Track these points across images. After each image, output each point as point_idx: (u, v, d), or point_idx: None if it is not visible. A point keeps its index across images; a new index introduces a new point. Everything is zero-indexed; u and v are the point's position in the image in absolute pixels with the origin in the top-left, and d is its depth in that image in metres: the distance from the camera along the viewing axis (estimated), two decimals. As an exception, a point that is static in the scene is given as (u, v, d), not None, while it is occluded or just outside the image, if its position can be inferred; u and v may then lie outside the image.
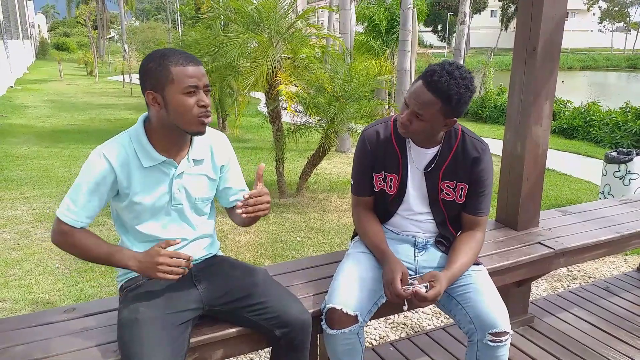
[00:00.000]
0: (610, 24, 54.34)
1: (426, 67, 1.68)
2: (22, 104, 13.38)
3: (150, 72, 1.50)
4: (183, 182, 1.62)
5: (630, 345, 2.52)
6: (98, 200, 1.55)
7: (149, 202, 1.58)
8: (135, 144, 1.56)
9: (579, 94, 16.79)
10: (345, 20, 8.09)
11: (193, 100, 1.51)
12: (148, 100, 1.52)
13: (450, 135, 1.82)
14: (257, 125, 9.95)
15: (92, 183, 1.52)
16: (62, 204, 1.55)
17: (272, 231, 4.68)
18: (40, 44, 38.94)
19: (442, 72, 1.61)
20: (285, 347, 1.65)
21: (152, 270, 1.49)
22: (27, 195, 5.64)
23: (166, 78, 1.48)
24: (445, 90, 1.60)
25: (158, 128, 1.56)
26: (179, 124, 1.52)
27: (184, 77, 1.49)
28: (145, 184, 1.57)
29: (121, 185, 1.55)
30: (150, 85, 1.51)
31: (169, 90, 1.49)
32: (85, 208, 1.54)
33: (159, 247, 1.50)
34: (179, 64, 1.49)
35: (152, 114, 1.56)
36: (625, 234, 2.54)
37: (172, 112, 1.51)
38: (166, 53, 1.51)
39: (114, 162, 1.52)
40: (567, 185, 6.46)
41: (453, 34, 34.97)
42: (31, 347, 1.56)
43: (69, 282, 3.59)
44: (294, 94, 5.17)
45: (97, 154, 1.53)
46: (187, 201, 1.65)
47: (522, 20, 2.38)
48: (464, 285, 1.76)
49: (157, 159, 1.56)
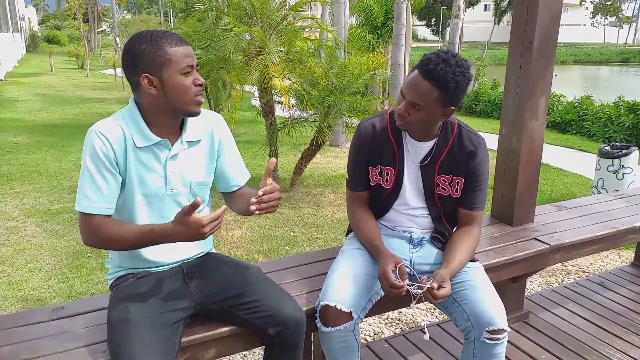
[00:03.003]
0: (603, 19, 54.54)
1: (421, 57, 1.65)
2: (12, 98, 13.23)
3: (144, 55, 1.44)
4: (177, 165, 1.57)
5: (624, 341, 2.52)
6: (112, 177, 1.47)
7: (143, 185, 1.52)
8: (129, 123, 1.51)
9: (572, 88, 16.83)
10: (338, 13, 8.04)
11: (190, 80, 1.48)
12: (143, 85, 1.46)
13: (446, 129, 1.79)
14: (250, 119, 9.88)
15: (97, 161, 1.45)
16: (77, 197, 1.47)
17: (265, 226, 4.65)
18: (31, 37, 38.50)
19: (438, 61, 1.58)
20: (279, 345, 1.62)
21: (202, 237, 1.42)
22: (17, 190, 5.57)
23: (163, 59, 1.44)
24: (442, 78, 1.57)
25: (150, 112, 1.51)
26: (177, 105, 1.49)
27: (181, 57, 1.45)
28: (138, 165, 1.51)
29: (119, 164, 1.49)
30: (144, 68, 1.45)
31: (167, 72, 1.45)
32: (100, 190, 1.46)
33: (192, 217, 1.38)
34: (174, 44, 1.45)
35: (144, 98, 1.49)
36: (621, 229, 2.54)
37: (171, 94, 1.47)
38: (157, 35, 1.45)
39: (111, 138, 1.46)
40: (561, 180, 6.47)
41: (447, 28, 34.96)
42: (18, 347, 1.52)
43: (60, 278, 3.54)
44: (288, 87, 5.12)
45: (94, 133, 1.46)
46: (183, 186, 1.59)
47: (518, 14, 2.35)
48: (461, 283, 1.74)
49: (151, 139, 1.51)
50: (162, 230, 1.44)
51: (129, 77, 1.49)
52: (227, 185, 1.74)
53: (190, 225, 1.39)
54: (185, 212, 1.39)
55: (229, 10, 5.38)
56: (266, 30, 5.21)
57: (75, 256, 3.87)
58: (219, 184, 1.76)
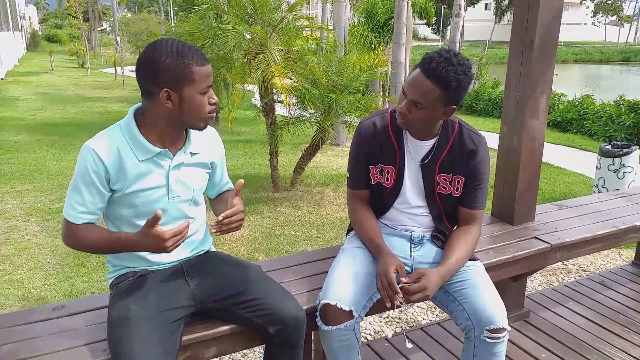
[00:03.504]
0: (604, 18, 54.46)
1: (423, 56, 1.65)
2: (13, 97, 13.23)
3: (168, 69, 1.42)
4: (180, 174, 1.59)
5: (625, 339, 2.51)
6: (97, 194, 1.51)
7: (144, 195, 1.54)
8: (127, 137, 1.51)
9: (573, 87, 16.81)
10: (339, 12, 8.02)
11: (206, 98, 1.50)
12: (162, 98, 1.45)
13: (447, 127, 1.79)
14: (250, 118, 9.89)
15: (86, 178, 1.48)
16: (65, 203, 1.53)
17: (266, 225, 4.65)
18: (31, 36, 38.52)
19: (440, 59, 1.58)
20: (279, 344, 1.62)
21: (163, 252, 1.46)
22: (17, 189, 5.57)
23: (187, 78, 1.44)
24: (444, 77, 1.57)
25: (158, 122, 1.52)
26: (189, 121, 1.51)
27: (204, 78, 1.47)
28: (139, 176, 1.52)
29: (112, 180, 1.50)
30: (165, 82, 1.44)
31: (189, 90, 1.46)
32: (85, 204, 1.50)
33: (154, 230, 1.41)
34: (199, 63, 1.45)
35: (157, 109, 1.49)
36: (621, 228, 2.53)
37: (187, 111, 1.48)
38: (182, 49, 1.44)
39: (104, 157, 1.47)
40: (562, 179, 6.47)
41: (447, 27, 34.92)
42: (18, 346, 1.52)
43: (61, 277, 3.54)
44: (288, 86, 5.12)
45: (87, 150, 1.48)
46: (186, 193, 1.62)
47: (519, 13, 2.35)
48: (461, 281, 1.74)
49: (152, 151, 1.52)
50: (128, 239, 1.48)
51: (145, 87, 1.48)
52: (214, 192, 1.82)
53: (153, 239, 1.43)
54: (149, 225, 1.42)
55: (230, 9, 5.37)
56: (266, 29, 5.20)
57: (76, 255, 3.86)
58: (207, 190, 1.82)
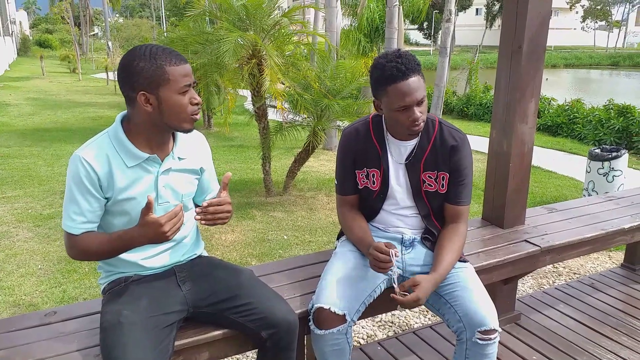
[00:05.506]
0: (593, 23, 55.02)
1: (385, 68, 1.67)
2: (3, 102, 13.15)
3: (142, 72, 1.44)
4: (169, 179, 1.59)
5: (614, 341, 2.54)
6: (95, 201, 1.51)
7: (133, 200, 1.54)
8: (115, 144, 1.52)
9: (563, 91, 16.97)
10: (331, 18, 8.07)
11: (187, 98, 1.49)
12: (140, 102, 1.46)
13: (427, 126, 1.83)
14: (243, 123, 9.90)
15: (81, 186, 1.48)
16: (63, 216, 1.52)
17: (258, 230, 4.65)
18: (22, 41, 38.28)
19: (398, 59, 1.66)
20: (271, 348, 1.63)
21: (164, 239, 1.44)
22: (8, 195, 5.54)
23: (161, 78, 1.44)
24: (417, 65, 1.68)
25: (143, 127, 1.52)
26: (172, 122, 1.50)
27: (179, 77, 1.46)
28: (128, 182, 1.53)
29: (103, 187, 1.51)
30: (141, 85, 1.45)
31: (165, 91, 1.45)
32: (83, 213, 1.50)
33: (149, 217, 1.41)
34: (173, 63, 1.46)
35: (139, 114, 1.49)
36: (609, 231, 2.57)
37: (167, 112, 1.48)
38: (156, 52, 1.45)
39: (95, 165, 1.48)
40: (552, 182, 6.52)
41: (438, 32, 35.11)
42: (10, 352, 1.52)
43: (52, 283, 3.52)
44: (281, 91, 5.14)
45: (77, 159, 1.48)
46: (174, 199, 1.62)
47: (507, 18, 2.38)
48: (452, 284, 1.76)
49: (140, 156, 1.53)
50: (128, 234, 1.47)
51: (125, 92, 1.49)
52: (201, 198, 1.79)
53: (150, 226, 1.42)
54: (144, 213, 1.41)
55: (222, 14, 5.38)
56: (259, 34, 5.22)
57: (68, 261, 3.84)
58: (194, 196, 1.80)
